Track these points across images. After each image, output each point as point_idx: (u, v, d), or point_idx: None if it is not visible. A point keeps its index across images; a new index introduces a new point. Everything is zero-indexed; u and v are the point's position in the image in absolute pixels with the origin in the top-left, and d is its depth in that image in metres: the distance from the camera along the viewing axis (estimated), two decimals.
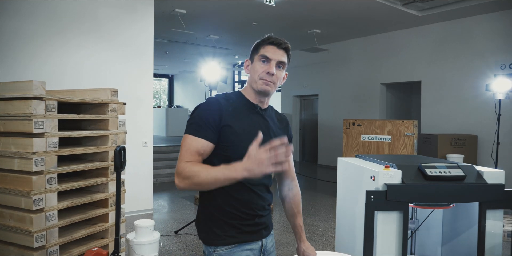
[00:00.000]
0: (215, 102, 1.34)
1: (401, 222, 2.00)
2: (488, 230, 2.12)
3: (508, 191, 2.06)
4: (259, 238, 1.40)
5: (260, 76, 1.36)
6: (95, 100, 2.73)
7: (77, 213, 2.67)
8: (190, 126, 1.32)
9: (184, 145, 1.30)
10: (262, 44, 1.40)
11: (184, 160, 1.25)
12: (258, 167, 1.08)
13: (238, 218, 1.35)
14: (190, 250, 3.61)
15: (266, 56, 1.36)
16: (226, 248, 1.33)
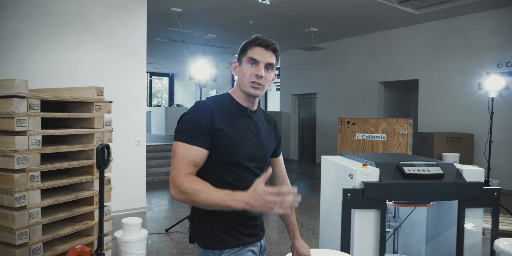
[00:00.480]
0: (205, 106, 1.32)
1: (378, 220, 2.00)
2: (468, 228, 2.11)
3: (487, 189, 2.05)
4: (259, 239, 1.41)
5: (248, 79, 1.34)
6: (79, 99, 2.73)
7: (62, 211, 2.68)
8: (182, 133, 1.28)
9: (178, 153, 1.25)
10: (249, 46, 1.38)
11: (181, 172, 1.21)
12: (261, 206, 1.09)
13: (239, 221, 1.34)
14: (179, 248, 3.62)
15: (254, 58, 1.34)
16: (232, 252, 1.31)
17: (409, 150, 5.63)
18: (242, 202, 1.11)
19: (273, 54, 1.37)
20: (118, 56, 4.76)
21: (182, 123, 1.30)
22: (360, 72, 8.78)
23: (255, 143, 1.37)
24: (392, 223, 2.43)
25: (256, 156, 1.37)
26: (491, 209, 2.06)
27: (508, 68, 6.46)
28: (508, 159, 6.45)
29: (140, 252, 3.20)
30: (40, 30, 4.21)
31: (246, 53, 1.38)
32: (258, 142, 1.39)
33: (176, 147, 1.27)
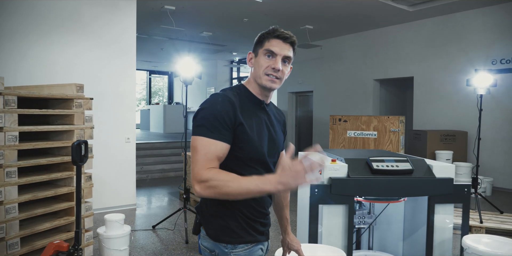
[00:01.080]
0: (225, 98, 1.26)
1: (346, 215, 2.00)
2: (439, 224, 2.11)
3: (457, 185, 2.05)
4: (267, 239, 1.38)
5: (265, 71, 1.29)
6: (58, 95, 2.75)
7: (41, 207, 2.71)
8: (203, 127, 1.21)
9: (199, 149, 1.19)
10: (267, 37, 1.31)
11: (205, 167, 1.16)
12: (294, 180, 1.04)
13: (256, 218, 1.32)
14: (164, 245, 3.64)
15: (272, 50, 1.29)
16: (245, 248, 1.28)
17: (400, 148, 5.62)
18: (275, 183, 1.07)
19: (291, 47, 1.32)
20: (108, 54, 4.78)
21: (202, 117, 1.23)
22: (355, 69, 8.75)
23: (271, 138, 1.34)
24: (367, 219, 2.43)
25: (273, 151, 1.36)
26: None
27: (502, 65, 6.42)
28: (501, 156, 6.42)
29: (122, 248, 3.21)
30: (30, 29, 4.23)
31: (263, 45, 1.31)
32: (273, 136, 1.36)
33: (197, 142, 1.20)
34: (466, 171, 5.92)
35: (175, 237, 3.86)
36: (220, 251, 1.28)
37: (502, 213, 4.58)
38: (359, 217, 2.36)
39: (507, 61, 6.37)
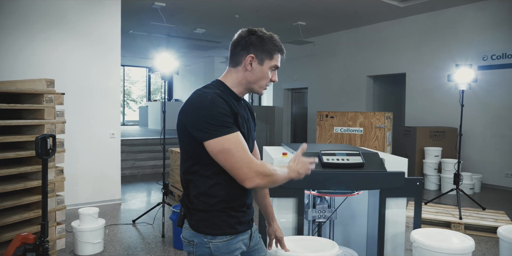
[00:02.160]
0: (217, 97, 1.29)
1: (296, 208, 2.02)
2: (392, 218, 2.11)
3: (409, 179, 2.05)
4: (250, 227, 1.42)
5: (267, 83, 1.40)
6: (26, 90, 2.79)
7: (11, 200, 2.75)
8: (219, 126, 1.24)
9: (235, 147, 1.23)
10: (274, 51, 1.38)
11: (253, 160, 1.24)
12: (305, 171, 1.34)
13: (239, 209, 1.37)
14: (140, 238, 3.68)
15: (278, 66, 1.41)
16: (224, 240, 1.32)
17: (387, 144, 5.61)
18: (295, 171, 1.33)
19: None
20: (94, 52, 4.82)
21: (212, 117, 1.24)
22: (349, 66, 8.73)
23: (248, 129, 1.42)
24: (327, 213, 2.44)
25: (250, 140, 1.43)
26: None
27: (493, 60, 6.37)
28: (491, 153, 6.38)
29: (96, 241, 3.26)
30: (15, 25, 4.28)
31: (272, 58, 1.38)
32: (249, 128, 1.44)
33: (226, 143, 1.22)
34: (454, 167, 5.89)
35: (153, 231, 3.91)
36: (199, 241, 1.32)
37: (484, 210, 4.56)
38: (319, 211, 2.37)
39: (498, 57, 6.31)
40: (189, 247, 1.34)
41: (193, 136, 1.27)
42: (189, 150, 1.32)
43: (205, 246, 1.31)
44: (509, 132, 6.18)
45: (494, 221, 4.09)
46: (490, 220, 4.11)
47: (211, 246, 1.31)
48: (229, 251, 1.32)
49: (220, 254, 1.31)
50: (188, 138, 1.30)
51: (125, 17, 7.49)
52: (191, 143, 1.29)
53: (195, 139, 1.27)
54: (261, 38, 1.38)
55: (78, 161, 4.68)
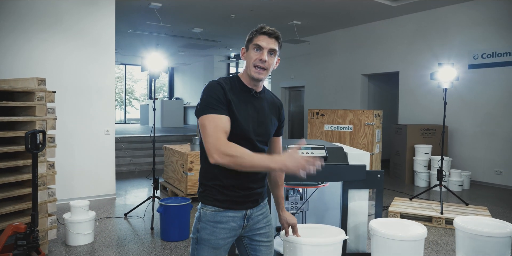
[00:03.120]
0: (217, 84, 1.49)
1: None
2: (355, 208, 2.25)
3: (371, 171, 2.18)
4: (244, 208, 1.55)
5: (253, 63, 1.50)
6: (18, 88, 2.95)
7: (5, 192, 2.92)
8: (206, 107, 1.43)
9: (209, 124, 1.40)
10: (255, 34, 1.53)
11: (221, 139, 1.37)
12: (295, 168, 1.30)
13: (232, 190, 1.52)
14: (130, 231, 3.84)
15: (259, 44, 1.50)
16: (211, 210, 1.52)
17: (376, 141, 5.72)
18: (281, 163, 1.31)
19: (276, 41, 1.53)
20: (89, 52, 4.99)
21: (202, 99, 1.46)
22: (344, 64, 8.83)
23: (256, 119, 1.53)
24: (300, 205, 2.58)
25: (261, 131, 1.54)
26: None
27: (483, 59, 6.45)
28: (481, 151, 6.47)
29: (86, 232, 3.42)
30: (13, 26, 4.45)
31: (252, 41, 1.53)
32: (260, 119, 1.55)
33: (205, 120, 1.42)
34: (443, 164, 5.99)
35: (143, 224, 4.07)
36: (199, 206, 1.59)
37: (467, 205, 4.67)
38: (292, 203, 2.51)
39: (488, 56, 6.39)
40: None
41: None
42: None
43: (199, 211, 1.56)
44: (498, 129, 6.27)
45: (474, 215, 4.20)
46: (471, 215, 4.22)
47: (201, 211, 1.54)
48: (214, 221, 1.51)
49: (205, 220, 1.52)
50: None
51: (123, 17, 7.67)
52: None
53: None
54: (249, 33, 1.57)
55: (73, 157, 4.85)
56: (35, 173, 2.72)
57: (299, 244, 1.82)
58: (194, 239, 1.54)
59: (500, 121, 6.24)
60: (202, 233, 1.52)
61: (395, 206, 4.55)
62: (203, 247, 1.52)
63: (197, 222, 1.55)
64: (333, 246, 1.85)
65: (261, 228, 1.61)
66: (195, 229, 1.55)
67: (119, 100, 21.45)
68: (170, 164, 5.59)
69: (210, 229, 1.51)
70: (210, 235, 1.51)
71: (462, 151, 6.72)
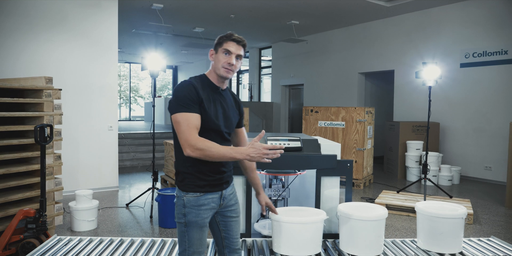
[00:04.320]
0: (190, 83, 1.68)
1: (243, 184, 2.42)
2: (328, 194, 2.50)
3: (341, 161, 2.44)
4: (220, 189, 1.78)
5: (222, 65, 1.72)
6: (28, 86, 3.24)
7: (16, 181, 3.21)
8: (179, 105, 1.62)
9: (182, 121, 1.61)
10: (225, 40, 1.75)
11: (192, 135, 1.59)
12: (258, 156, 1.55)
13: (209, 175, 1.74)
14: (131, 218, 4.13)
15: (229, 50, 1.72)
16: (194, 196, 1.71)
17: (367, 137, 5.96)
18: (244, 154, 1.55)
19: (242, 48, 1.77)
20: (93, 51, 5.28)
21: (176, 98, 1.64)
22: (341, 63, 9.06)
23: (224, 114, 1.76)
24: (282, 192, 2.84)
25: (228, 124, 1.77)
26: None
27: (474, 58, 6.65)
28: (471, 147, 6.67)
29: (90, 219, 3.72)
30: (18, 26, 4.75)
31: (222, 45, 1.74)
32: (226, 113, 1.78)
33: (179, 117, 1.62)
34: (433, 160, 6.22)
35: (143, 213, 4.36)
36: (179, 194, 1.75)
37: (451, 198, 4.89)
38: (274, 190, 2.77)
39: (479, 55, 6.59)
40: (175, 199, 1.80)
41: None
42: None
43: (181, 199, 1.73)
44: (488, 127, 6.46)
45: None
46: None
47: (184, 199, 1.72)
48: (198, 205, 1.74)
49: (190, 206, 1.73)
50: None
51: (126, 18, 7.96)
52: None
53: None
54: (219, 37, 1.81)
55: (78, 151, 5.16)
56: (44, 163, 3.01)
57: (287, 223, 2.08)
58: (182, 224, 1.76)
59: (490, 119, 6.44)
60: (189, 217, 1.74)
61: (381, 198, 4.79)
62: (192, 228, 1.76)
63: (182, 208, 1.74)
64: (315, 224, 2.11)
65: (232, 205, 1.87)
66: (181, 214, 1.75)
67: (125, 98, 21.83)
68: (170, 159, 5.86)
69: (195, 212, 1.75)
70: (196, 217, 1.75)
71: (453, 148, 6.93)
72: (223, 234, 1.89)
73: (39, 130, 2.96)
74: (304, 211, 2.24)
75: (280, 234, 2.10)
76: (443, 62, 6.92)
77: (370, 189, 5.82)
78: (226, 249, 1.91)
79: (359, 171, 5.87)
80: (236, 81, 14.18)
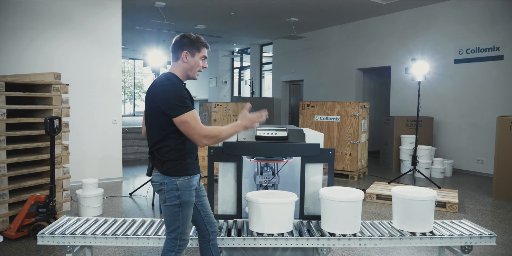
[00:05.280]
0: (180, 84, 1.95)
1: (235, 170, 2.66)
2: (311, 179, 2.73)
3: (324, 149, 2.66)
4: (198, 172, 2.07)
5: (198, 68, 2.03)
6: (38, 81, 3.49)
7: (27, 169, 3.48)
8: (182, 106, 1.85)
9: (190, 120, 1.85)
10: (201, 46, 2.02)
11: (202, 127, 1.86)
12: (251, 124, 1.95)
13: (193, 159, 2.03)
14: (133, 206, 4.39)
15: (205, 56, 2.05)
16: (185, 179, 1.95)
17: (361, 131, 6.17)
18: (241, 126, 1.94)
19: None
20: (97, 48, 5.53)
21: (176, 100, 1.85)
22: (340, 59, 9.25)
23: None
24: (273, 179, 3.06)
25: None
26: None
27: (468, 54, 6.82)
28: (464, 141, 6.86)
29: (95, 206, 3.98)
30: (29, 27, 5.01)
31: (200, 51, 2.02)
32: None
33: (185, 117, 1.85)
34: (426, 153, 6.43)
35: (145, 201, 4.62)
36: (168, 181, 1.96)
37: (439, 188, 5.11)
38: (265, 177, 3.00)
39: (472, 51, 6.76)
40: (160, 186, 1.97)
41: (166, 113, 1.89)
42: (163, 123, 1.93)
43: (173, 184, 1.94)
44: (481, 121, 6.65)
45: (443, 197, 4.65)
46: (440, 196, 4.66)
47: (177, 183, 1.94)
48: (189, 186, 1.99)
49: (183, 188, 1.96)
50: (162, 114, 1.90)
51: (129, 15, 8.20)
52: (165, 118, 1.90)
53: (167, 114, 1.89)
54: (190, 39, 2.02)
55: (84, 144, 5.42)
56: (53, 152, 3.27)
57: (261, 203, 2.32)
58: (176, 205, 1.97)
59: (482, 113, 6.62)
60: (183, 198, 1.97)
61: (373, 188, 5.01)
62: (185, 207, 2.00)
63: (175, 192, 1.96)
64: (287, 205, 2.35)
65: (201, 187, 2.18)
66: (175, 197, 1.96)
67: (129, 94, 22.12)
68: None
69: (188, 193, 1.99)
70: (189, 197, 2.00)
71: (447, 141, 7.13)
72: (202, 213, 2.17)
73: (49, 122, 3.21)
74: (279, 194, 2.48)
75: (254, 214, 2.35)
76: (437, 59, 7.11)
77: (365, 181, 6.04)
78: (208, 225, 2.19)
79: (353, 163, 6.10)
80: (238, 77, 14.40)
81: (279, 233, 2.36)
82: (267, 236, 2.35)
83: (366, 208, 4.49)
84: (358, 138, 6.07)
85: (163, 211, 2.02)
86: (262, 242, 2.34)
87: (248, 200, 2.40)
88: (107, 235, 2.37)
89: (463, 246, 2.43)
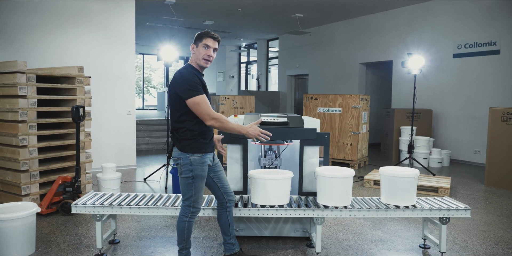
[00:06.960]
0: (193, 72, 2.25)
1: (241, 151, 3.01)
2: (309, 160, 3.07)
3: (320, 133, 3.00)
4: (212, 151, 2.40)
5: (203, 57, 2.30)
6: (64, 74, 3.86)
7: (55, 152, 3.87)
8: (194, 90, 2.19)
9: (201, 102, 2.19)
10: (204, 36, 2.30)
11: (212, 110, 2.21)
12: (252, 135, 2.33)
13: (207, 138, 2.35)
14: (147, 188, 4.77)
15: (208, 44, 2.30)
16: (198, 156, 2.28)
17: (362, 122, 6.48)
18: (245, 130, 2.30)
19: (217, 43, 2.36)
20: (112, 43, 5.90)
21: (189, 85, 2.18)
22: (344, 54, 9.53)
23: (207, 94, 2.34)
24: (275, 162, 3.41)
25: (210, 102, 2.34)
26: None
27: (466, 49, 7.07)
28: (462, 132, 7.13)
29: (114, 188, 4.37)
30: (44, 22, 5.39)
31: (202, 40, 2.30)
32: (208, 94, 2.36)
33: (197, 99, 2.19)
34: (424, 144, 6.72)
35: (159, 185, 5.00)
36: (184, 157, 2.33)
37: (434, 175, 5.42)
38: (269, 160, 3.35)
39: (470, 46, 7.00)
40: (177, 161, 2.36)
41: (181, 97, 2.25)
42: (179, 106, 2.29)
43: (187, 159, 2.30)
44: (478, 113, 6.90)
45: (436, 183, 4.96)
46: (433, 182, 4.97)
47: (191, 159, 2.31)
48: (201, 162, 2.34)
49: (196, 163, 2.32)
50: (179, 98, 2.26)
51: (141, 12, 8.55)
52: (181, 102, 2.26)
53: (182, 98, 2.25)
54: (198, 33, 2.38)
55: (102, 133, 5.81)
56: (78, 137, 3.64)
57: (261, 179, 2.67)
58: (189, 177, 2.33)
59: (479, 106, 6.87)
60: (195, 172, 2.34)
61: (370, 175, 5.34)
62: (198, 180, 2.36)
63: (188, 166, 2.31)
64: (282, 181, 2.69)
65: (217, 163, 2.54)
66: (188, 170, 2.31)
67: (138, 88, 22.57)
68: None
69: (200, 168, 2.35)
70: (201, 171, 2.36)
71: (445, 133, 7.40)
72: (218, 184, 2.54)
73: (75, 110, 3.59)
74: (277, 172, 2.82)
75: (255, 188, 2.70)
76: (436, 53, 7.37)
77: (365, 170, 6.36)
78: (225, 194, 2.55)
79: (354, 153, 6.42)
80: (245, 71, 14.72)
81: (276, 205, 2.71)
82: (269, 207, 2.70)
83: (364, 192, 4.82)
84: (358, 129, 6.38)
85: (180, 182, 2.39)
86: (264, 212, 2.70)
87: (250, 177, 2.74)
88: (131, 205, 2.74)
89: (442, 217, 2.76)
